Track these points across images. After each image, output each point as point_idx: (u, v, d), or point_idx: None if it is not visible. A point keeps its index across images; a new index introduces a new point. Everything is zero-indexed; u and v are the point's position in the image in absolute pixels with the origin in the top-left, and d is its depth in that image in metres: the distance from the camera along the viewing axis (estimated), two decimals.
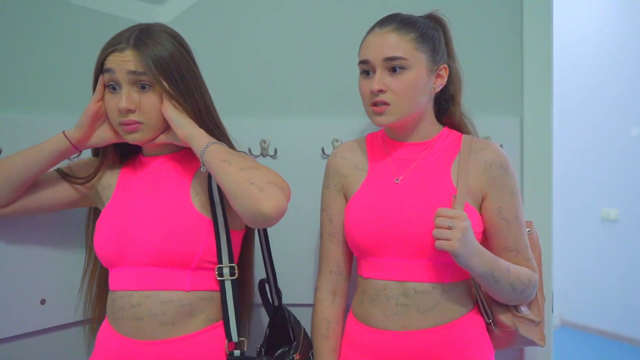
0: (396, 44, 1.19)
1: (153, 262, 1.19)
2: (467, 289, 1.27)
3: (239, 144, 1.34)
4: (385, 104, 1.20)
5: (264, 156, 1.63)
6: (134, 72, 1.16)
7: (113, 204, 1.26)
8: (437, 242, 1.13)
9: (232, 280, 1.22)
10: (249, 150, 1.62)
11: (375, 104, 1.21)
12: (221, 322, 1.23)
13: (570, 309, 4.36)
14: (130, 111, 1.17)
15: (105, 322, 1.26)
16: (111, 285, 1.24)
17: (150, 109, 1.18)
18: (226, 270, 1.21)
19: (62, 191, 1.29)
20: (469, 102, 1.54)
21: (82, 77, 1.41)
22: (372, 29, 1.25)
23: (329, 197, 1.36)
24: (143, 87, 1.17)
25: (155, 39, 1.18)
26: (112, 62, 1.17)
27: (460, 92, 1.34)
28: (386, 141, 1.33)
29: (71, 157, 1.27)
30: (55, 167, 1.29)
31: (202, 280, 1.21)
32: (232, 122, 1.32)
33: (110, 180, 1.30)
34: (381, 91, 1.19)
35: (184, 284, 1.19)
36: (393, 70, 1.19)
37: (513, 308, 1.28)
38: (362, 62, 1.23)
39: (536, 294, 1.30)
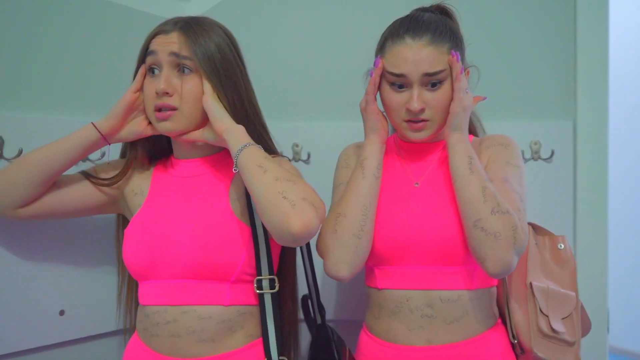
0: (435, 58, 1.14)
1: (189, 275, 1.12)
2: (491, 298, 1.22)
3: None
4: (424, 120, 1.16)
5: (296, 161, 1.58)
6: (176, 54, 1.11)
7: (144, 210, 1.19)
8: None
9: (272, 293, 1.14)
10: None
11: (411, 120, 1.17)
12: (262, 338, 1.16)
13: (618, 332, 4.09)
14: (166, 94, 1.11)
15: (135, 337, 1.19)
16: (142, 300, 1.17)
17: (188, 95, 1.12)
18: (265, 283, 1.14)
19: (87, 193, 1.21)
20: (518, 105, 1.53)
21: (108, 73, 1.41)
22: (400, 36, 1.16)
23: (348, 175, 1.25)
24: (184, 71, 1.12)
25: (205, 27, 1.14)
26: (156, 44, 1.13)
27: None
28: (399, 144, 1.29)
29: (95, 159, 1.20)
30: (79, 171, 1.23)
31: (241, 294, 1.14)
32: None
33: (142, 187, 1.23)
34: (421, 110, 1.15)
35: (223, 298, 1.12)
36: (431, 85, 1.15)
37: (545, 326, 1.19)
38: (395, 75, 1.16)
39: (572, 313, 1.22)
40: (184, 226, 1.13)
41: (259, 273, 1.14)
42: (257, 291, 1.14)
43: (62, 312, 1.34)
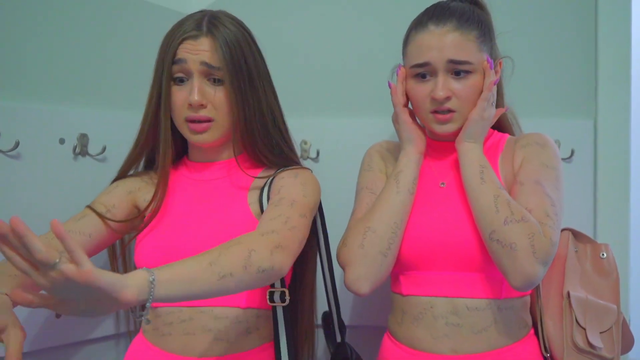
0: (460, 44, 1.10)
1: None
2: (524, 308, 1.16)
3: None
4: (450, 111, 1.12)
5: (304, 159, 1.53)
6: (208, 65, 1.08)
7: (160, 215, 1.16)
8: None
9: (283, 306, 1.12)
10: None
11: (437, 111, 1.12)
12: None
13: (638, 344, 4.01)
14: (202, 106, 1.09)
15: (139, 338, 1.16)
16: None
17: (221, 105, 1.10)
18: (277, 296, 1.11)
19: (108, 235, 1.15)
20: (536, 103, 1.49)
21: (109, 63, 1.38)
22: (423, 25, 1.13)
23: (371, 178, 1.23)
24: (215, 81, 1.10)
25: (232, 29, 1.11)
26: (185, 51, 1.09)
27: (501, 83, 1.25)
28: (426, 142, 1.25)
29: (94, 154, 1.14)
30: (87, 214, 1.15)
31: (257, 298, 1.12)
32: None
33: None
34: (447, 98, 1.10)
35: (239, 300, 1.11)
36: (456, 73, 1.11)
37: (581, 341, 1.13)
38: (419, 65, 1.12)
39: (611, 327, 1.15)
40: (204, 231, 1.11)
41: (271, 284, 1.11)
42: (270, 303, 1.11)
43: (58, 315, 1.28)
